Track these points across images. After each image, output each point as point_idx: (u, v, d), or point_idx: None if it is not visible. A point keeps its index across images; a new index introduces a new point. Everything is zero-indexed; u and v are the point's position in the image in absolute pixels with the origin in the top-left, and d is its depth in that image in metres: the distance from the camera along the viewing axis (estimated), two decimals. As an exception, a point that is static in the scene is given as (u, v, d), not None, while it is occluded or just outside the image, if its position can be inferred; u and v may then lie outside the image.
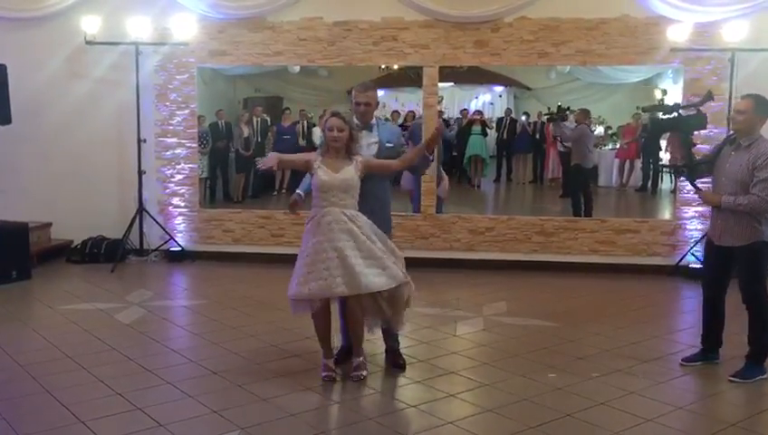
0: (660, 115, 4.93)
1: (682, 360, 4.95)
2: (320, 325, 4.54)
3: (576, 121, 10.11)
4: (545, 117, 11.89)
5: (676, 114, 4.82)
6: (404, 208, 8.39)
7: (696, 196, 4.98)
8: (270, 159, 4.46)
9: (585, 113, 9.95)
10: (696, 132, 5.00)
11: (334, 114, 4.49)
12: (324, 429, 3.87)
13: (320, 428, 3.88)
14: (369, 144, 4.72)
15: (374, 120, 4.84)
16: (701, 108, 4.87)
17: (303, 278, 4.38)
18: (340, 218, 4.40)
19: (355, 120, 4.68)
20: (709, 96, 4.83)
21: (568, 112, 10.46)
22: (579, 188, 9.52)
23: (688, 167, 4.83)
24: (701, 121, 4.85)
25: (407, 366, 4.84)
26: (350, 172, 4.46)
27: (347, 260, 4.32)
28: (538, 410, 4.15)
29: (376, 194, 4.68)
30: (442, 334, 5.64)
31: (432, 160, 4.85)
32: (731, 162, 4.60)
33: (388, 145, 4.77)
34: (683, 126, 4.80)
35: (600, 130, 12.45)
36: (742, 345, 4.76)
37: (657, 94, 7.59)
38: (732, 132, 4.76)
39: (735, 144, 4.63)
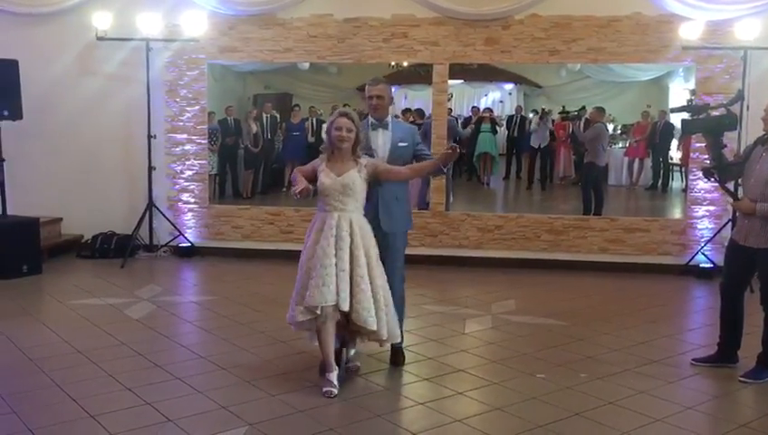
0: (689, 116, 4.82)
1: (693, 359, 4.92)
2: (324, 337, 4.30)
3: (591, 120, 10.06)
4: (560, 115, 11.87)
5: (704, 115, 4.73)
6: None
7: (730, 201, 4.87)
8: (300, 183, 4.29)
9: (600, 112, 9.88)
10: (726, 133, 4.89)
11: (343, 114, 4.32)
12: (332, 425, 3.87)
13: (327, 424, 3.88)
14: (384, 142, 4.63)
15: (389, 118, 4.73)
16: (731, 108, 4.79)
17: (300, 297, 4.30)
18: (342, 225, 4.25)
19: (370, 118, 4.63)
20: (739, 96, 4.76)
21: (577, 112, 10.44)
22: (590, 185, 9.48)
23: (718, 169, 4.73)
24: (731, 122, 4.77)
25: (416, 364, 4.84)
26: (353, 176, 4.29)
27: (343, 275, 4.21)
28: (546, 408, 4.13)
29: (394, 192, 4.63)
30: (450, 332, 5.64)
31: (446, 172, 4.76)
32: (761, 163, 4.52)
33: (401, 144, 4.66)
34: (713, 127, 4.70)
35: (610, 127, 12.41)
36: (753, 346, 4.73)
37: (687, 95, 7.51)
38: (764, 133, 4.67)
39: (767, 145, 4.56)
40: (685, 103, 4.86)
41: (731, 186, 5.02)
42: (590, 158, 9.68)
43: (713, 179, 4.84)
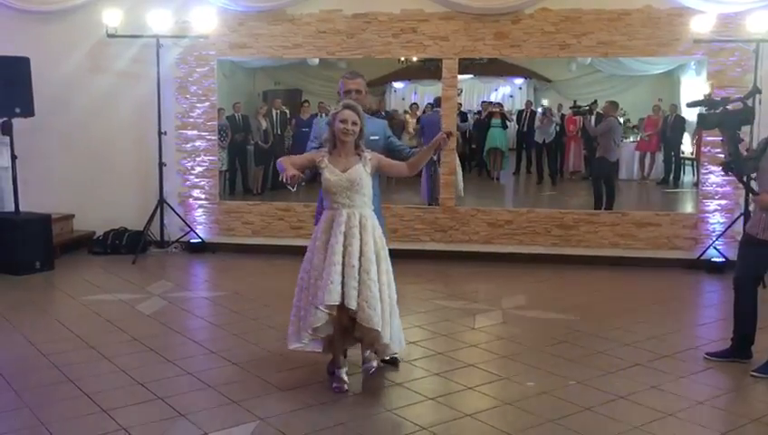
0: (705, 110, 4.78)
1: (706, 354, 4.89)
2: (336, 335, 4.26)
3: (604, 113, 9.97)
4: (571, 110, 11.81)
5: (721, 109, 4.68)
6: (421, 201, 8.41)
7: (752, 197, 4.84)
8: (288, 170, 4.05)
9: (614, 106, 9.72)
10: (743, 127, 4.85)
11: (348, 106, 4.14)
12: (343, 420, 3.88)
13: (338, 419, 3.89)
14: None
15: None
16: (747, 102, 4.77)
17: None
18: (352, 222, 4.12)
19: None
20: (756, 90, 4.74)
21: (588, 107, 10.37)
22: (601, 180, 9.39)
23: (736, 163, 4.69)
24: (748, 116, 4.74)
25: (426, 359, 4.85)
26: (359, 170, 4.13)
27: (351, 271, 4.06)
28: (557, 403, 4.13)
29: None
30: (461, 327, 5.63)
31: (435, 160, 4.57)
32: None
33: (372, 138, 4.50)
34: (730, 121, 4.66)
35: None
36: (766, 341, 4.70)
37: (705, 89, 7.47)
38: None
39: None
40: (701, 98, 4.81)
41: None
42: (601, 152, 9.58)
43: (731, 174, 4.81)
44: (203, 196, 8.51)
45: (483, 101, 13.74)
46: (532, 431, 3.79)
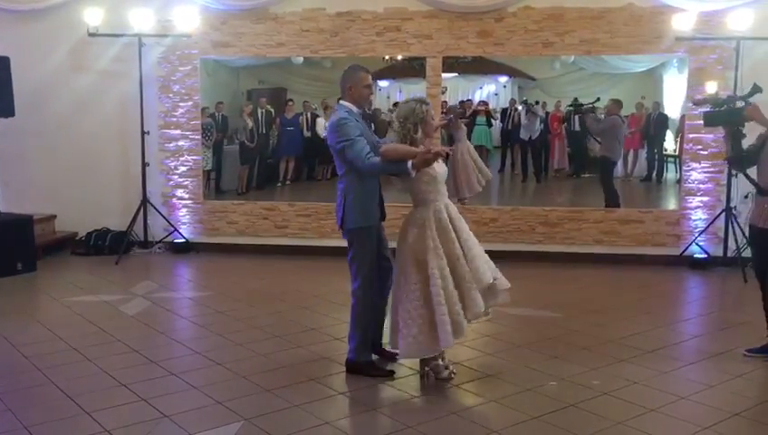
0: (710, 109, 4.95)
1: (745, 351, 4.85)
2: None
3: (608, 112, 9.93)
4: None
5: (725, 108, 4.85)
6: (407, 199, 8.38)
7: (754, 188, 4.94)
8: (427, 150, 4.12)
9: (617, 104, 9.55)
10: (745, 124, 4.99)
11: (428, 102, 4.38)
12: (328, 419, 3.88)
13: (323, 418, 3.89)
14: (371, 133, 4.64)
15: None
16: (749, 100, 4.88)
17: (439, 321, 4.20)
18: (455, 209, 4.46)
19: (357, 109, 4.49)
20: (756, 88, 4.84)
21: (592, 105, 10.38)
22: (610, 179, 9.23)
23: (740, 157, 4.84)
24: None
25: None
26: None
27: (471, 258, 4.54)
28: (541, 400, 4.15)
29: (380, 183, 4.69)
30: (446, 325, 5.63)
31: (411, 176, 4.47)
32: None
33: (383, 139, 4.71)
34: (734, 118, 4.82)
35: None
36: (754, 331, 4.75)
37: (712, 88, 7.52)
38: None
39: None
40: (707, 97, 4.94)
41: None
42: (604, 151, 9.38)
43: (735, 169, 4.95)
44: (186, 196, 8.46)
45: (465, 100, 13.75)
46: (517, 428, 3.80)
